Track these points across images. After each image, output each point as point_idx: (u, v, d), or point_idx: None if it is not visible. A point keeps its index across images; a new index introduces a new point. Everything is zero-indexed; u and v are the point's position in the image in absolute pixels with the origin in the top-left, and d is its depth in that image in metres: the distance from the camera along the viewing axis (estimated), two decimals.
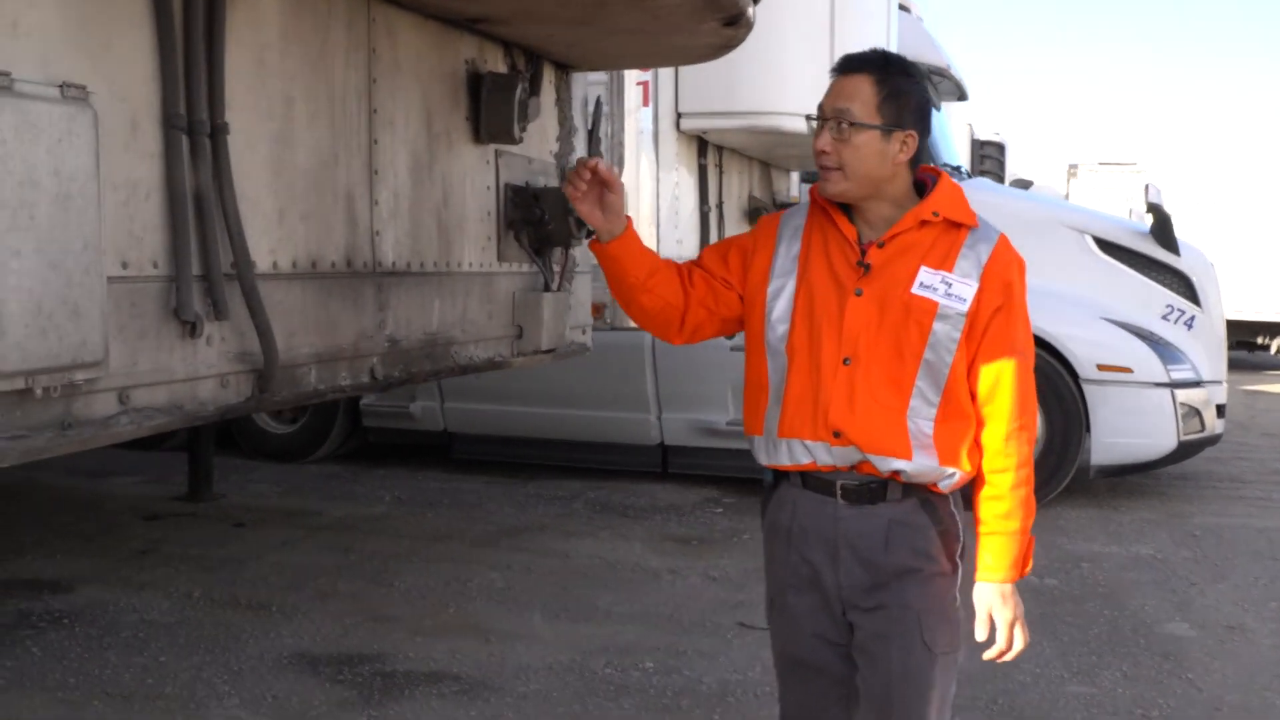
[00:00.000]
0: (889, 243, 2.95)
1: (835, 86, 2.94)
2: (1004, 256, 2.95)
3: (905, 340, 2.91)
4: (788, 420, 3.01)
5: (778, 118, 5.95)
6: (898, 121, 2.89)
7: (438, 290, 3.59)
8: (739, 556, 7.60)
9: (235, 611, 6.58)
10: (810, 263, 3.04)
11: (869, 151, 2.89)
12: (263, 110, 2.88)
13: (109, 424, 2.47)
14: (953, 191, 3.02)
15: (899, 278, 2.93)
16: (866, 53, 2.99)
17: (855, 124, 2.86)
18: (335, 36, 3.13)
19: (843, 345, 2.93)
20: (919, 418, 2.93)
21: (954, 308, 2.89)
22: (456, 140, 3.68)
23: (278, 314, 2.87)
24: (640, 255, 3.11)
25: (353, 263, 3.20)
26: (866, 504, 3.00)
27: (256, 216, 2.85)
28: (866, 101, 2.88)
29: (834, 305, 2.97)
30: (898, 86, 2.91)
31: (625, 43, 3.80)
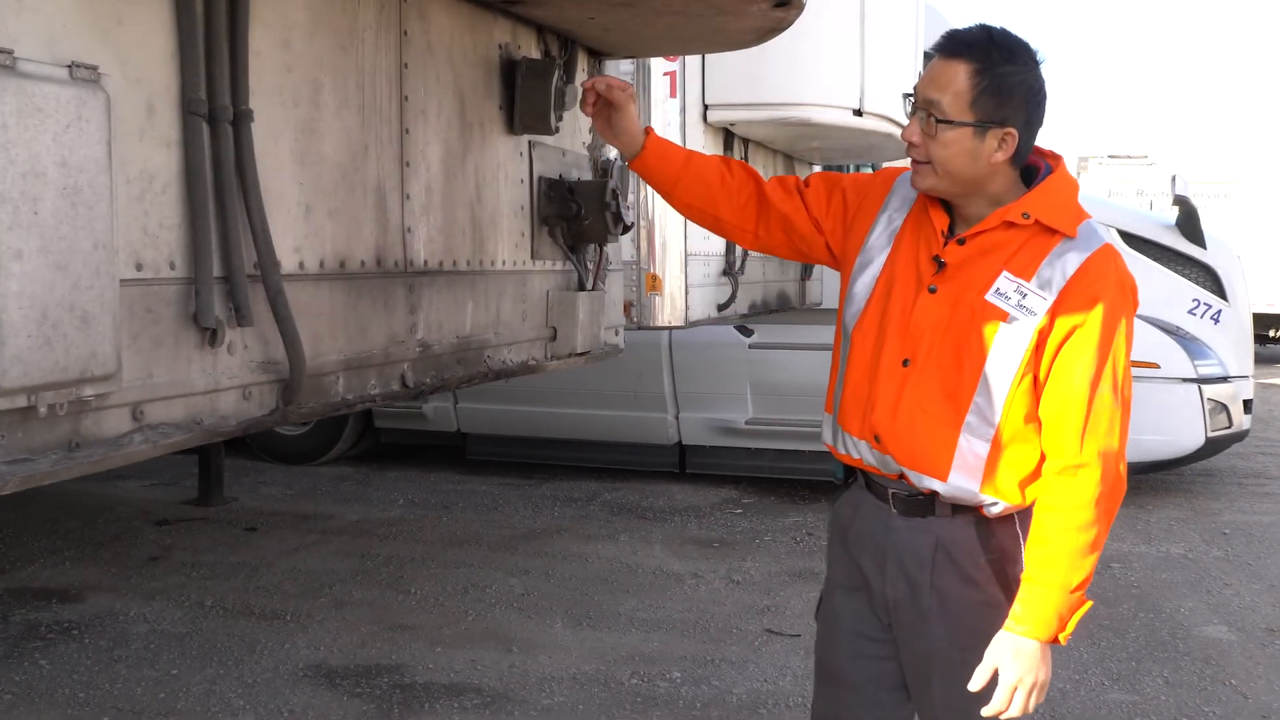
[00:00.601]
0: (970, 240, 2.66)
1: (931, 69, 2.63)
2: (1098, 270, 2.60)
3: (967, 349, 2.63)
4: (844, 408, 2.81)
5: (807, 109, 5.70)
6: (996, 117, 2.57)
7: (470, 290, 3.31)
8: (762, 559, 7.33)
9: (249, 621, 6.32)
10: (902, 246, 2.77)
11: (958, 150, 2.59)
12: (288, 96, 2.60)
13: (121, 443, 2.19)
14: (1059, 190, 2.69)
15: (976, 280, 2.64)
16: (970, 31, 2.63)
17: (942, 121, 2.57)
18: (365, 17, 2.85)
19: (905, 343, 2.69)
20: (974, 435, 2.66)
21: (1022, 322, 2.59)
22: (490, 131, 3.40)
23: (304, 318, 2.60)
24: (663, 165, 3.00)
25: (383, 262, 2.92)
26: (918, 517, 2.75)
27: (281, 212, 2.57)
28: (960, 94, 2.57)
29: (909, 298, 2.71)
30: (1000, 77, 2.56)
31: (666, 26, 3.52)
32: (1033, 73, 2.60)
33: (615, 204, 3.70)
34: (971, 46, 2.58)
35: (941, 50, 2.62)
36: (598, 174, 4.01)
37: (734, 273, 6.06)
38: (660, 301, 5.45)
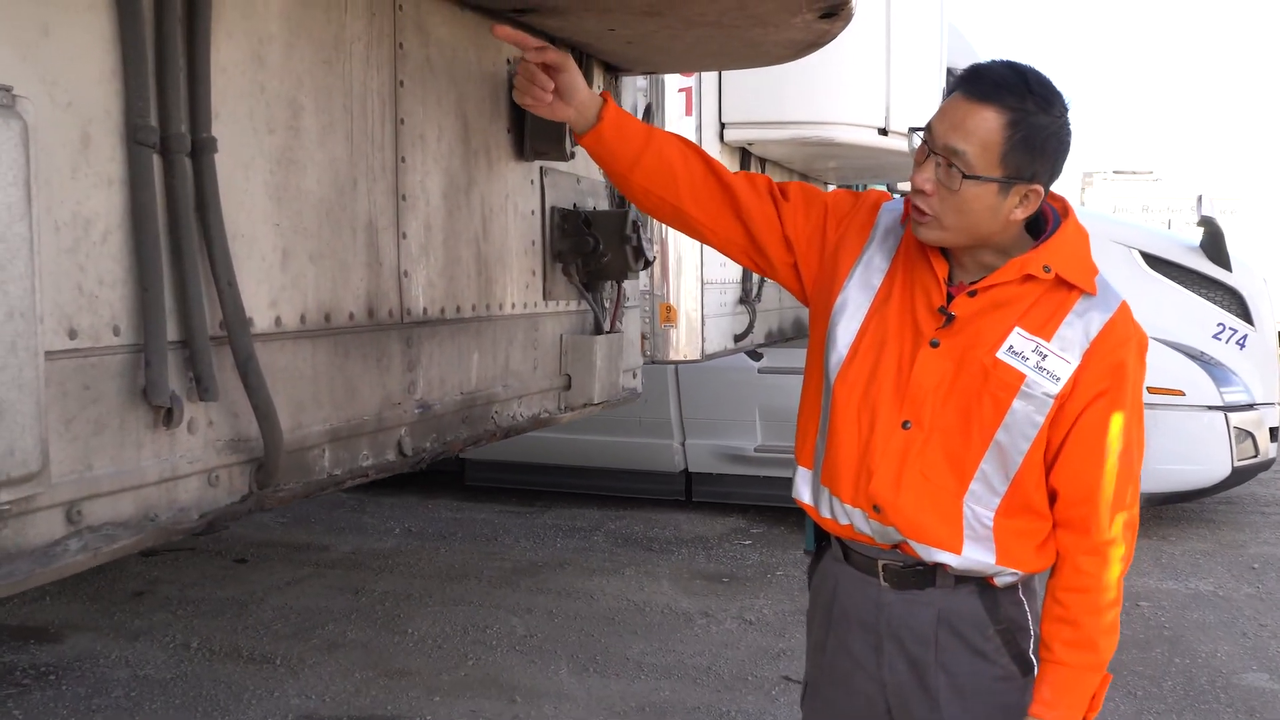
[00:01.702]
0: (982, 292, 2.34)
1: (954, 112, 2.26)
2: (1120, 332, 2.37)
3: (977, 413, 2.35)
4: (830, 469, 2.48)
5: (832, 128, 5.26)
6: (1025, 173, 2.25)
7: (476, 339, 2.85)
8: (775, 597, 6.88)
9: (236, 665, 5.87)
10: (893, 291, 2.45)
11: (978, 207, 2.28)
12: (261, 121, 2.13)
13: (53, 554, 1.73)
14: (1075, 242, 2.40)
15: (985, 336, 2.35)
16: (1002, 73, 2.27)
17: (969, 177, 2.23)
18: (354, 28, 2.39)
19: (905, 404, 2.38)
20: (978, 504, 2.35)
21: (1042, 386, 2.33)
22: (497, 157, 2.94)
23: (282, 384, 2.14)
24: (622, 141, 2.61)
25: (375, 312, 2.46)
26: (913, 589, 2.45)
27: (253, 259, 2.11)
28: (989, 146, 2.23)
29: (906, 352, 2.41)
30: (1034, 128, 2.24)
31: (695, 39, 3.06)
32: (1066, 125, 2.29)
33: (636, 236, 3.24)
34: (1006, 91, 2.24)
35: (970, 92, 2.26)
36: (614, 202, 3.56)
37: (751, 300, 5.61)
38: (675, 334, 4.99)
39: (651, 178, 2.60)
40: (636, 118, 2.68)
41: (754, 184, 2.65)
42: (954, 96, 2.33)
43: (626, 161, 2.59)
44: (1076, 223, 2.47)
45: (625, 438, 8.56)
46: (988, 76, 2.30)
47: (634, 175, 2.60)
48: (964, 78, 2.34)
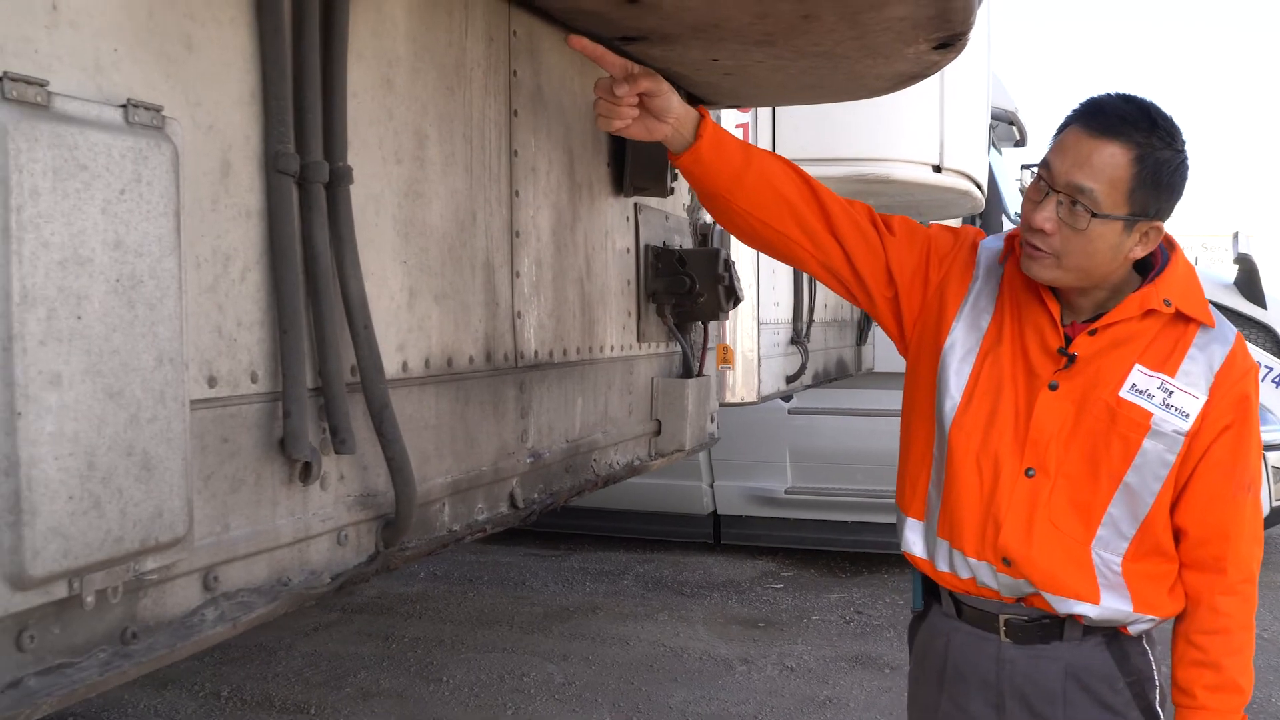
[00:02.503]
0: (1103, 331, 2.23)
1: (1077, 149, 2.13)
2: (1240, 363, 2.29)
3: (1104, 456, 2.25)
4: (948, 521, 2.31)
5: (888, 164, 5.12)
6: (1148, 210, 2.14)
7: (580, 384, 2.67)
8: (814, 641, 6.68)
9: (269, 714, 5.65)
10: (1004, 332, 2.33)
11: (1102, 246, 2.16)
12: (389, 150, 1.96)
13: (191, 625, 1.54)
14: (1188, 276, 2.29)
15: (1107, 376, 2.27)
16: (1126, 107, 2.15)
17: (1098, 215, 2.11)
18: (474, 53, 2.22)
19: (1027, 450, 2.25)
20: (1106, 550, 2.23)
21: (1172, 424, 2.22)
22: (598, 192, 2.77)
23: (409, 435, 1.95)
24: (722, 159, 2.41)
25: (493, 356, 2.28)
26: (1038, 643, 2.31)
27: (383, 299, 1.93)
28: (1118, 183, 2.11)
29: (1022, 396, 2.28)
30: (1160, 164, 2.12)
31: (798, 70, 2.90)
32: (1187, 159, 2.17)
33: (729, 276, 3.08)
34: (1133, 127, 2.12)
35: (1092, 126, 2.13)
36: (697, 239, 3.39)
37: (802, 340, 5.45)
38: (732, 375, 4.82)
39: (754, 199, 2.42)
40: (733, 135, 2.52)
41: (856, 211, 2.51)
42: (1072, 131, 2.20)
43: (727, 181, 2.41)
44: (1183, 256, 2.37)
45: (652, 479, 8.36)
46: (1110, 110, 2.18)
47: (735, 196, 2.42)
48: (1083, 112, 2.22)
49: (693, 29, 2.52)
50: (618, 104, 2.31)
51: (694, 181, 2.45)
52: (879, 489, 7.49)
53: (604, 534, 8.90)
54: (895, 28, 2.54)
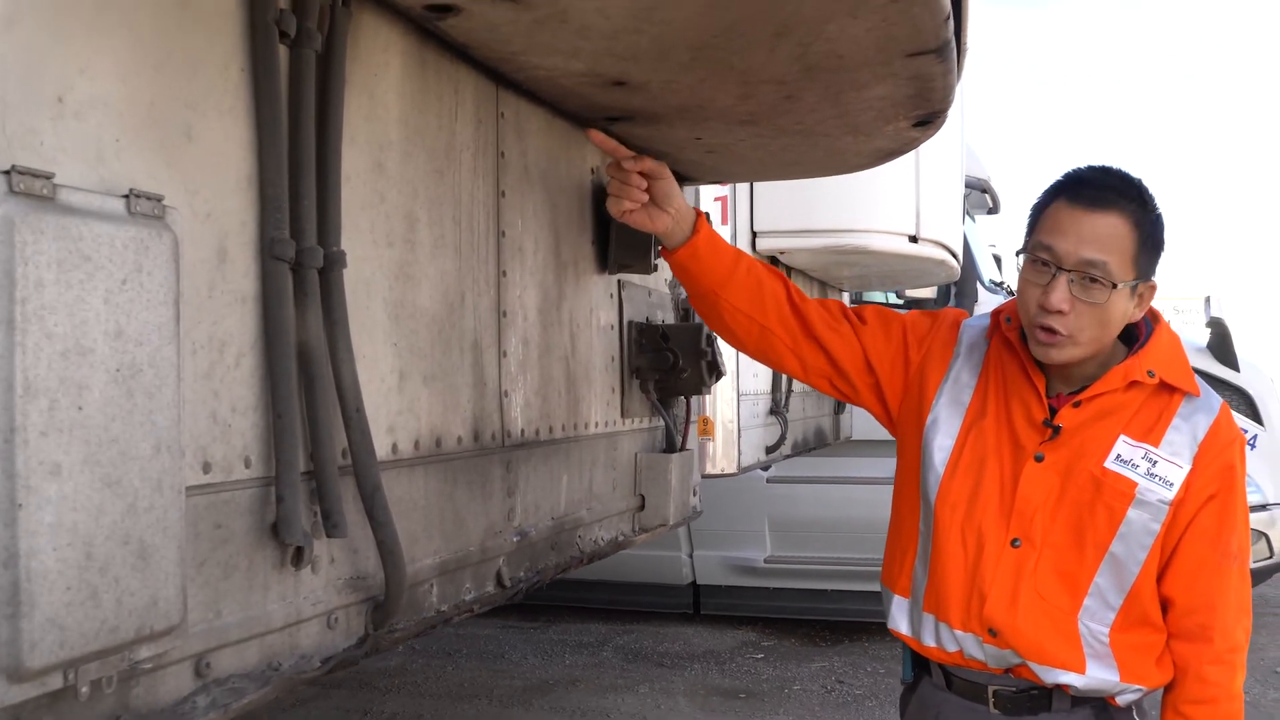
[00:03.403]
0: (1088, 402, 2.26)
1: (1077, 225, 2.19)
2: (1225, 433, 2.30)
3: (1090, 526, 2.26)
4: (934, 595, 2.33)
5: (865, 235, 5.18)
6: (1148, 273, 2.23)
7: (566, 461, 2.68)
8: (795, 712, 6.64)
9: None
10: (988, 405, 2.36)
11: (1116, 314, 2.23)
12: (381, 233, 1.98)
13: (181, 714, 1.53)
14: (1172, 346, 2.34)
15: (1091, 447, 2.28)
16: (1109, 178, 2.24)
17: (1118, 285, 2.17)
18: (462, 135, 2.25)
19: (1013, 521, 2.27)
20: (1093, 620, 2.23)
21: (1156, 493, 2.24)
22: (583, 269, 2.80)
23: (399, 516, 1.95)
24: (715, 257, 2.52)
25: (480, 436, 2.29)
26: (1027, 714, 2.31)
27: (374, 382, 1.94)
28: (1125, 252, 2.19)
29: (1007, 467, 2.29)
30: (1153, 226, 2.22)
31: (780, 148, 2.95)
32: (1163, 218, 2.26)
33: (711, 350, 3.10)
34: (1123, 196, 2.20)
35: (1086, 202, 2.20)
36: (679, 315, 3.42)
37: (781, 410, 5.47)
38: (712, 446, 4.83)
39: (743, 296, 2.52)
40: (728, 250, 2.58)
41: (828, 309, 2.59)
42: (1062, 209, 2.26)
43: (719, 278, 2.50)
44: (1168, 326, 2.41)
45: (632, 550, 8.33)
46: (1096, 183, 2.25)
47: (725, 293, 2.51)
48: (1067, 188, 2.29)
49: (678, 110, 2.56)
50: (628, 183, 2.41)
51: (688, 276, 2.53)
52: (859, 557, 7.48)
53: (583, 605, 8.85)
54: (876, 106, 2.59)
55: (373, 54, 1.97)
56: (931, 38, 2.16)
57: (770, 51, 2.18)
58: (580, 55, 2.19)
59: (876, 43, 2.16)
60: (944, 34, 2.18)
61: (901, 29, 2.10)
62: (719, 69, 2.27)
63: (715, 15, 1.98)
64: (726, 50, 2.16)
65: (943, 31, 2.16)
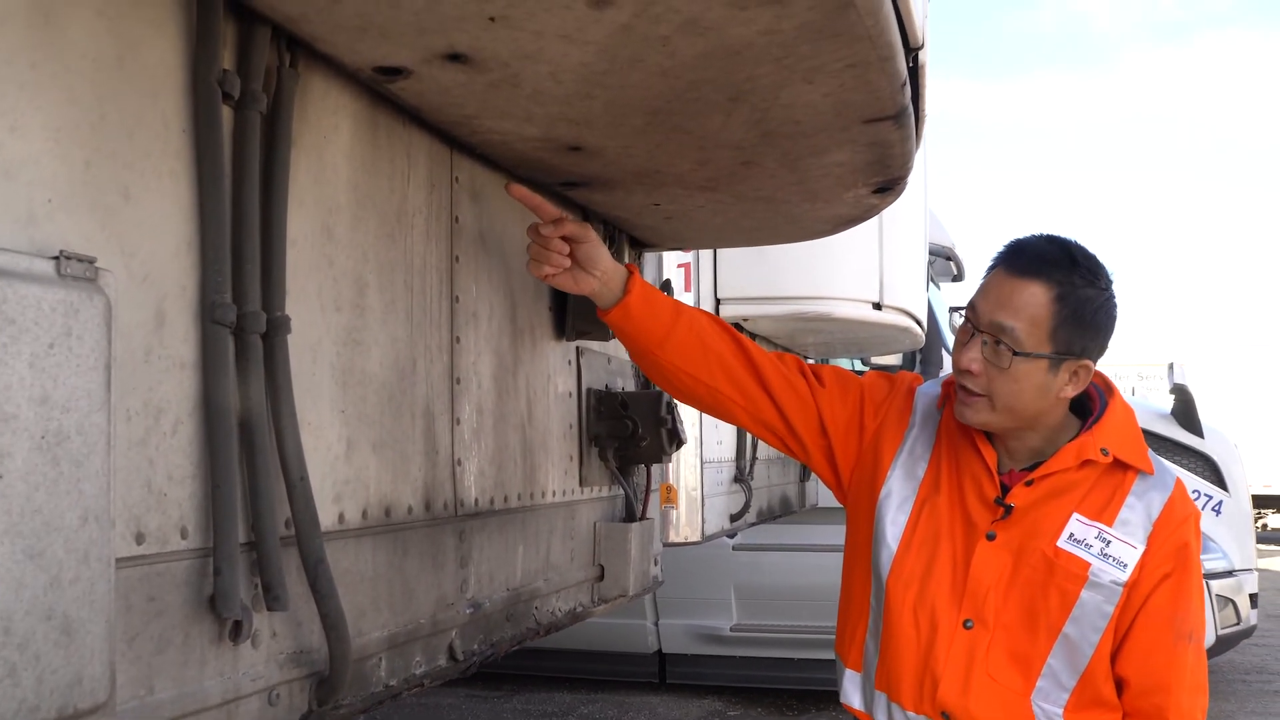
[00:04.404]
0: (1040, 481, 2.22)
1: (998, 289, 2.19)
2: (1179, 510, 2.26)
3: (1043, 607, 2.23)
4: (886, 673, 2.30)
5: (829, 303, 5.16)
6: (1074, 348, 2.16)
7: (522, 531, 2.63)
8: None
9: None
10: (941, 481, 2.31)
11: (1028, 385, 2.17)
12: (329, 298, 1.94)
13: None
14: (1126, 421, 2.29)
15: (1044, 526, 2.25)
16: (1046, 247, 2.21)
17: (1020, 354, 2.13)
18: (415, 199, 2.22)
19: (965, 602, 2.23)
20: (1046, 702, 2.19)
21: (1109, 574, 2.20)
22: (540, 336, 2.76)
23: (344, 588, 1.90)
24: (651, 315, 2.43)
25: (432, 505, 2.24)
26: None
27: (320, 450, 1.89)
28: (1039, 321, 2.14)
29: (960, 546, 2.26)
30: (1082, 301, 2.16)
31: (738, 214, 2.93)
32: (1113, 297, 2.20)
33: (671, 418, 3.06)
34: (1052, 266, 2.16)
35: (1013, 267, 2.19)
36: (640, 382, 3.38)
37: (746, 478, 5.42)
38: (675, 515, 4.77)
39: (685, 354, 2.44)
40: (660, 291, 2.53)
41: (785, 364, 2.53)
42: (995, 273, 2.26)
43: (657, 337, 2.43)
44: (1122, 399, 2.38)
45: (595, 618, 8.23)
46: (1030, 251, 2.23)
47: (665, 352, 2.43)
48: (1005, 254, 2.27)
49: (634, 175, 2.54)
50: (547, 247, 2.33)
51: (624, 337, 2.47)
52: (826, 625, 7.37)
53: (547, 674, 8.73)
54: (835, 173, 2.58)
55: (322, 117, 1.94)
56: (889, 104, 2.15)
57: (726, 117, 2.16)
58: (534, 120, 2.16)
59: (833, 108, 2.14)
60: (900, 100, 2.16)
61: (857, 95, 2.08)
62: (675, 134, 2.24)
63: (667, 81, 1.96)
64: (681, 115, 2.14)
65: (899, 98, 2.15)
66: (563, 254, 2.34)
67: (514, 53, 1.83)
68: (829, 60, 1.90)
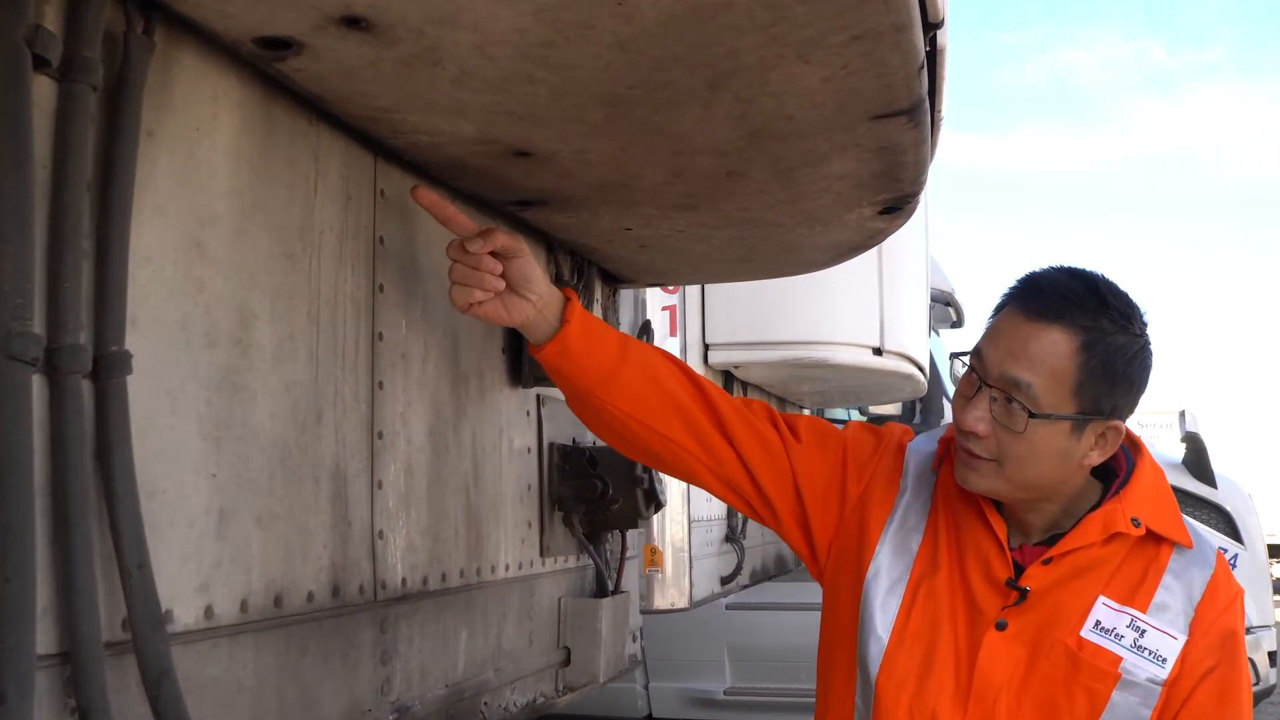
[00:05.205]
0: (1059, 559, 1.86)
1: (1012, 335, 1.78)
2: (1225, 591, 1.88)
3: (1065, 710, 1.83)
4: None
5: (826, 348, 4.76)
6: (1101, 407, 1.80)
7: (465, 614, 2.17)
8: None
9: None
10: (940, 557, 1.92)
11: (1047, 451, 1.80)
12: (198, 330, 1.50)
13: None
14: (1157, 485, 1.93)
15: (1065, 611, 1.85)
16: (1068, 282, 1.80)
17: (1037, 415, 1.72)
18: (325, 213, 1.79)
19: (971, 704, 1.85)
20: None
21: (1146, 670, 1.81)
22: (490, 382, 2.32)
23: (211, 702, 1.45)
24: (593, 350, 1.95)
25: (342, 590, 1.79)
26: None
27: (177, 525, 1.45)
28: (1060, 375, 1.75)
29: (964, 637, 1.89)
30: (1113, 351, 1.78)
31: (724, 241, 2.51)
32: (1148, 344, 1.84)
33: (648, 478, 2.63)
34: (1076, 307, 1.76)
35: (1030, 309, 1.77)
36: None
37: (737, 538, 4.99)
38: (661, 579, 4.33)
39: (634, 398, 1.97)
40: (603, 320, 2.08)
41: (753, 412, 2.09)
42: (1007, 314, 1.85)
43: (599, 376, 1.96)
44: (1151, 459, 1.97)
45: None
46: (1050, 289, 1.82)
47: (608, 393, 1.96)
48: (1020, 291, 1.86)
49: (599, 189, 2.12)
50: (476, 266, 1.86)
51: (561, 378, 2.00)
52: None
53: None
54: (835, 188, 2.16)
55: (194, 103, 1.52)
56: (902, 92, 1.73)
57: (704, 110, 1.73)
58: (467, 113, 1.73)
59: (835, 99, 1.72)
60: (916, 89, 1.74)
61: (865, 80, 1.66)
62: (643, 134, 1.82)
63: (628, 58, 1.54)
64: (649, 107, 1.71)
65: (915, 86, 1.73)
66: (495, 274, 1.88)
67: (427, 15, 1.41)
68: (830, 29, 1.47)
